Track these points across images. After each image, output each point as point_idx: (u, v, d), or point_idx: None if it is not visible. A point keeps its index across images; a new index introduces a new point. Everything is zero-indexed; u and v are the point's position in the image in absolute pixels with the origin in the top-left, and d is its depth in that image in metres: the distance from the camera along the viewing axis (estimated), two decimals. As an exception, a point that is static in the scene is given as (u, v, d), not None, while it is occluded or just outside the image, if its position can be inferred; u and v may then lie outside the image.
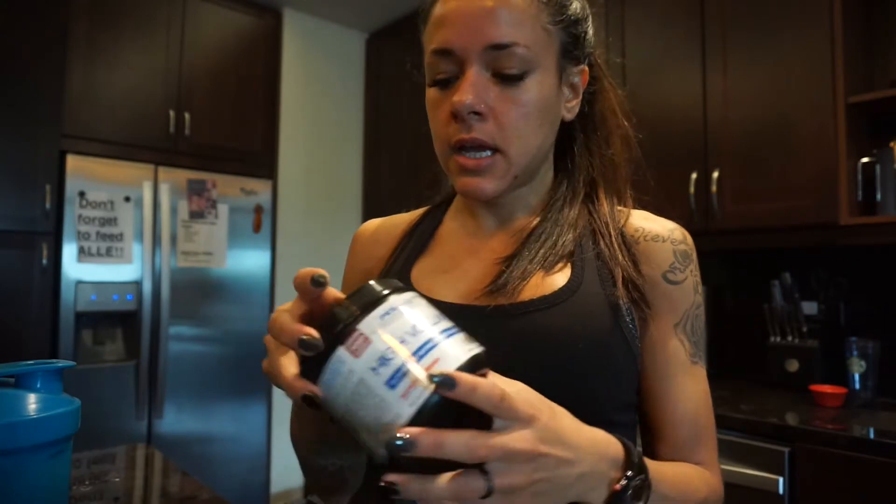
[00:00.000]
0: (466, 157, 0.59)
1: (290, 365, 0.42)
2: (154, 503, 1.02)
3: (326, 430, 0.56)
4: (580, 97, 0.66)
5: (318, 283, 0.43)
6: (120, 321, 2.54)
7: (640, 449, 0.55)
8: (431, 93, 0.62)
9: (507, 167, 0.60)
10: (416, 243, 0.70)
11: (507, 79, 0.58)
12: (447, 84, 0.60)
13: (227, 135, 2.88)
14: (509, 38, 0.57)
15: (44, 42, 2.33)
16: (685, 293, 0.62)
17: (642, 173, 0.72)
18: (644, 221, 0.65)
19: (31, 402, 0.58)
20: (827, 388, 1.70)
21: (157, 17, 2.66)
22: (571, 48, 0.63)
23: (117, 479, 1.08)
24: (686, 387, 0.61)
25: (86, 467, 1.14)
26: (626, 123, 0.69)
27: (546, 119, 0.61)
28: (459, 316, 0.58)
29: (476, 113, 0.58)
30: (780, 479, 1.45)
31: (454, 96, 0.58)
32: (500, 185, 0.60)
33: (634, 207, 0.68)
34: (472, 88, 0.57)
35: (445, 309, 0.59)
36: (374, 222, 0.78)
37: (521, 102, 0.58)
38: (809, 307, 1.88)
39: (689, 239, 0.65)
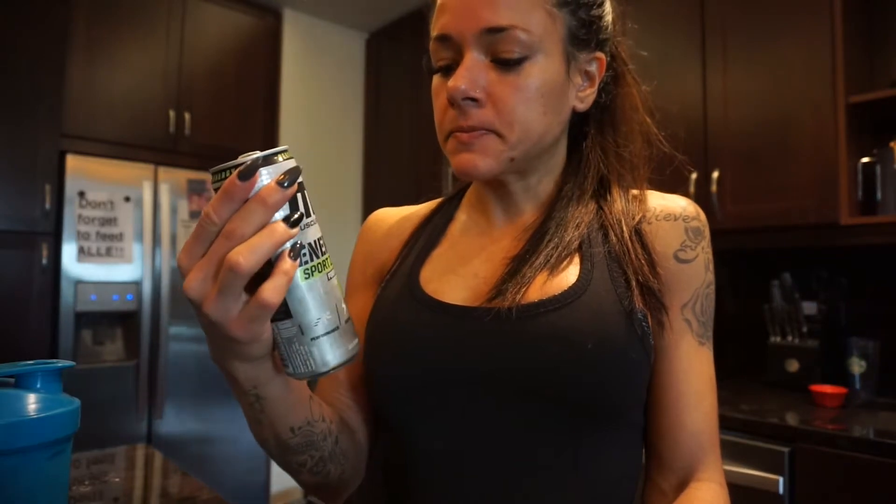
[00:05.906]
0: (461, 132, 0.57)
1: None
2: (154, 503, 1.01)
3: (281, 427, 0.53)
4: (596, 86, 0.63)
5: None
6: (120, 321, 2.54)
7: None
8: (435, 80, 0.61)
9: (503, 148, 0.57)
10: (426, 240, 0.68)
11: (506, 63, 0.56)
12: (448, 71, 0.59)
13: (227, 135, 2.88)
14: (506, 20, 0.54)
15: (44, 42, 2.33)
16: (696, 271, 0.60)
17: (658, 167, 0.69)
18: (656, 200, 0.63)
19: (31, 402, 0.58)
20: (827, 388, 1.69)
21: (157, 17, 2.66)
22: (581, 33, 0.60)
23: (117, 480, 1.08)
24: (692, 369, 0.59)
25: (85, 467, 1.13)
26: (648, 120, 0.67)
27: (551, 106, 0.58)
28: (466, 318, 0.58)
29: (472, 99, 0.56)
30: (780, 479, 1.45)
31: (449, 82, 0.56)
32: (493, 165, 0.58)
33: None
34: (467, 74, 0.55)
35: (453, 312, 0.59)
36: (386, 211, 0.78)
37: (521, 87, 0.56)
38: (809, 307, 1.88)
39: (702, 215, 0.63)
